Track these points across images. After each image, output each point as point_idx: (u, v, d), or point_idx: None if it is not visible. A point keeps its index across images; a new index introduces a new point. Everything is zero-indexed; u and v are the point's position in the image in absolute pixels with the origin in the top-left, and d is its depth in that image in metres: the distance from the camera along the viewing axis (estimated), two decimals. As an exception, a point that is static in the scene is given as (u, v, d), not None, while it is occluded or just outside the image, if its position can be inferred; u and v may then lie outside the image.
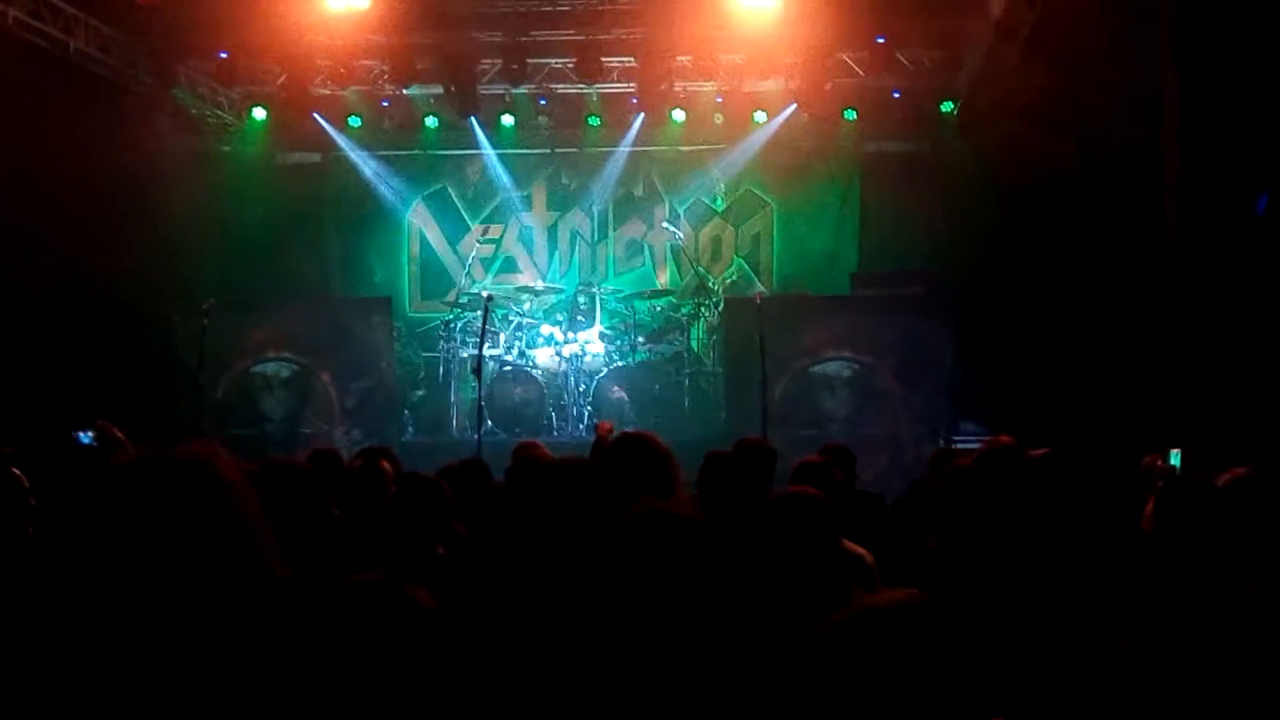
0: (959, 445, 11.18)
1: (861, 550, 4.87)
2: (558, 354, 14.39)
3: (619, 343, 14.55)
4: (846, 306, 13.98)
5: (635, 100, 15.24)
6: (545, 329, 14.63)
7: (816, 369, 13.21)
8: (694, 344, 15.14)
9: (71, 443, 9.45)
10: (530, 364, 14.22)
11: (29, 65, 11.66)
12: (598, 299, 14.86)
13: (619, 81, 15.19)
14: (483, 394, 12.27)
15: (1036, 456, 4.56)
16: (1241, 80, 8.96)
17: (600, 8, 13.70)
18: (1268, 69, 8.80)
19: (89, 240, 12.52)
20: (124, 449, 7.27)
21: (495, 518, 4.85)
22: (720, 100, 15.50)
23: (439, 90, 15.11)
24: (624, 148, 16.29)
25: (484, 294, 13.08)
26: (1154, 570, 4.07)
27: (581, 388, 14.17)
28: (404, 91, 15.27)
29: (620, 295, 15.48)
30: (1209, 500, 4.05)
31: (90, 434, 9.31)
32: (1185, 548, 3.94)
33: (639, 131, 15.99)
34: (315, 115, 15.54)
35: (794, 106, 15.14)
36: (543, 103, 15.88)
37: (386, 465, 6.02)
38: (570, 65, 14.90)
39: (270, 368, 13.49)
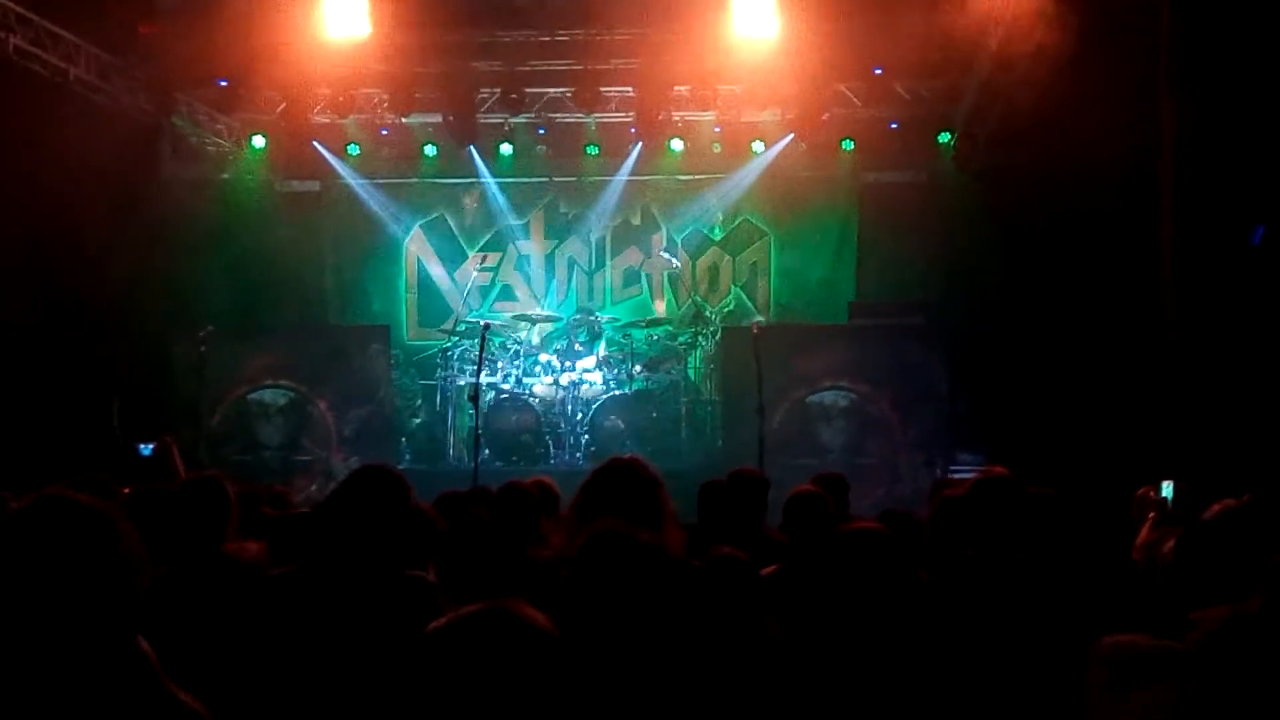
0: (956, 475, 11.16)
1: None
2: (555, 382, 14.37)
3: (616, 371, 14.50)
4: (844, 336, 13.94)
5: (633, 129, 15.25)
6: (543, 357, 14.60)
7: (814, 398, 13.19)
8: (691, 373, 15.12)
9: (133, 452, 9.62)
10: (527, 392, 14.21)
11: (29, 93, 11.70)
12: (595, 327, 14.86)
13: (617, 111, 15.25)
14: (480, 422, 12.26)
15: (1035, 492, 4.51)
16: (1238, 113, 8.99)
17: (599, 38, 13.75)
18: (1264, 102, 8.83)
19: (87, 267, 12.55)
20: (177, 468, 7.41)
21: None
22: (718, 130, 15.54)
23: (438, 119, 15.15)
24: (622, 177, 16.29)
25: (481, 322, 13.07)
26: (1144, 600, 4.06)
27: (579, 416, 14.14)
28: (403, 120, 15.33)
29: (617, 324, 15.47)
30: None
31: (150, 446, 9.41)
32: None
33: (637, 160, 16.01)
34: (314, 143, 15.60)
35: (792, 136, 15.19)
36: (541, 132, 15.93)
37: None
38: (569, 95, 14.97)
39: (268, 395, 13.48)
